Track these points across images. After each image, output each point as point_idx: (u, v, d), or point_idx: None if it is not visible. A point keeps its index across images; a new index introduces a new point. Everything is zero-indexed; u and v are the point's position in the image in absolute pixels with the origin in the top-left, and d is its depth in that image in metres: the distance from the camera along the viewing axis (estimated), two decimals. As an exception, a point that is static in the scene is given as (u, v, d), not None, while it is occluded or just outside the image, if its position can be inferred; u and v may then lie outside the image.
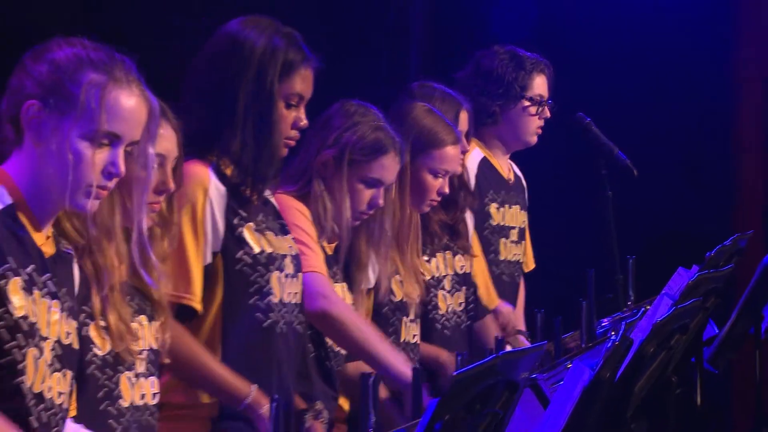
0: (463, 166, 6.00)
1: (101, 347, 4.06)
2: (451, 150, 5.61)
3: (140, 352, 4.14)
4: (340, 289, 5.19)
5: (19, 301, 3.61)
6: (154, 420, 4.21)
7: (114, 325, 4.05)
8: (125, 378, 4.11)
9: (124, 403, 4.11)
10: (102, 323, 4.04)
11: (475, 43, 7.10)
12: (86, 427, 3.92)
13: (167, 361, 4.30)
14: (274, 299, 4.70)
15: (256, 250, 4.68)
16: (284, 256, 4.75)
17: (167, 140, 4.21)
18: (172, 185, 4.23)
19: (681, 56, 8.28)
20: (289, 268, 4.76)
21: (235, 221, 4.65)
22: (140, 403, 4.16)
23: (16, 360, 3.60)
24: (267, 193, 4.81)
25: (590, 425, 3.96)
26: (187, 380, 4.57)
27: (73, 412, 3.86)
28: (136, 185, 3.97)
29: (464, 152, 5.94)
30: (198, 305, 4.59)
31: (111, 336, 4.05)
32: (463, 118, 5.97)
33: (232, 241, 4.65)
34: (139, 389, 4.16)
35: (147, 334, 4.17)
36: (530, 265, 6.72)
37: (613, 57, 8.13)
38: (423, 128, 5.58)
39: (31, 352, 3.63)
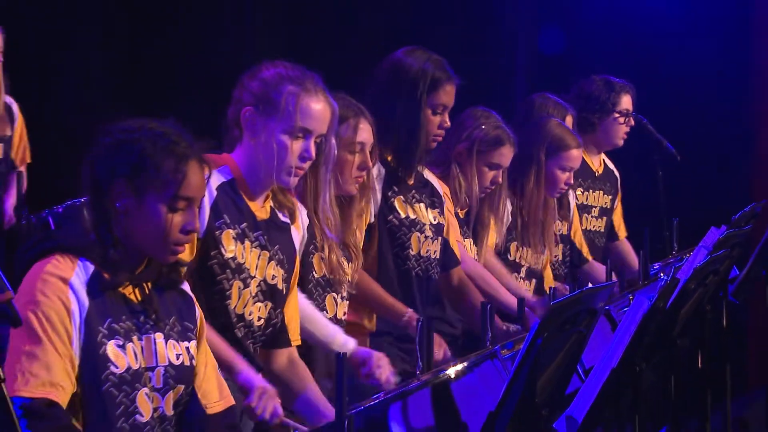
0: None
1: (317, 272, 4.13)
2: (575, 152, 5.59)
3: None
4: (469, 243, 5.19)
5: (230, 246, 3.65)
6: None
7: (334, 260, 4.13)
8: (331, 298, 4.15)
9: (325, 315, 4.17)
10: (323, 255, 4.11)
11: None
12: None
13: (353, 291, 4.33)
14: (412, 252, 4.71)
15: (402, 215, 4.69)
16: (425, 223, 4.75)
17: (365, 132, 4.24)
18: (370, 164, 4.26)
19: (705, 68, 8.09)
20: (429, 232, 4.76)
21: (389, 194, 4.66)
22: (328, 317, 4.20)
23: (224, 288, 3.66)
24: (428, 175, 4.83)
25: (648, 341, 3.92)
26: (364, 303, 4.57)
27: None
28: (324, 167, 3.99)
29: None
30: None
31: (331, 266, 4.13)
32: (568, 121, 5.94)
33: (386, 207, 4.66)
34: (342, 308, 4.20)
35: (348, 270, 4.21)
36: (621, 234, 6.64)
37: (648, 66, 7.97)
38: (555, 136, 5.56)
39: (236, 284, 3.68)
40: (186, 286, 3.31)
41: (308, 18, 7.45)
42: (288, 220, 3.84)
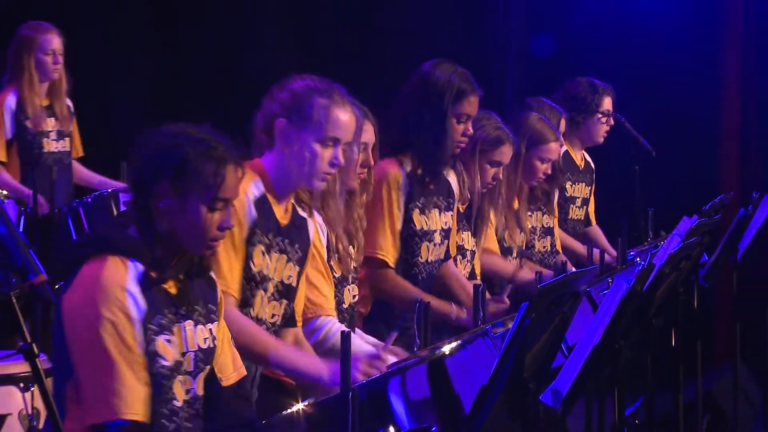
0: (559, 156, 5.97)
1: (336, 271, 4.12)
2: (553, 145, 5.57)
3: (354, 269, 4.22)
4: (467, 235, 5.15)
5: (258, 260, 3.63)
6: (354, 314, 4.30)
7: (342, 252, 4.11)
8: (346, 290, 4.16)
9: (344, 306, 4.18)
10: (339, 254, 4.10)
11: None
12: None
13: (359, 273, 4.33)
14: (421, 260, 4.71)
15: (418, 227, 4.68)
16: (435, 230, 4.74)
17: (369, 133, 4.22)
18: (372, 162, 4.25)
19: (680, 74, 8.06)
20: (437, 239, 4.75)
21: (410, 205, 4.67)
22: (346, 306, 4.21)
23: (247, 297, 3.64)
24: (449, 175, 4.83)
25: (626, 321, 3.91)
26: (394, 301, 4.58)
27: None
28: (345, 171, 3.98)
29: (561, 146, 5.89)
30: (388, 260, 4.60)
31: (341, 260, 4.12)
32: (562, 123, 5.94)
33: (405, 218, 4.65)
34: (349, 293, 4.19)
35: (355, 257, 4.21)
36: (593, 220, 6.64)
37: (630, 70, 7.94)
38: (535, 130, 5.54)
39: (259, 293, 3.67)
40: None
41: (307, 18, 7.45)
42: (305, 215, 3.83)
